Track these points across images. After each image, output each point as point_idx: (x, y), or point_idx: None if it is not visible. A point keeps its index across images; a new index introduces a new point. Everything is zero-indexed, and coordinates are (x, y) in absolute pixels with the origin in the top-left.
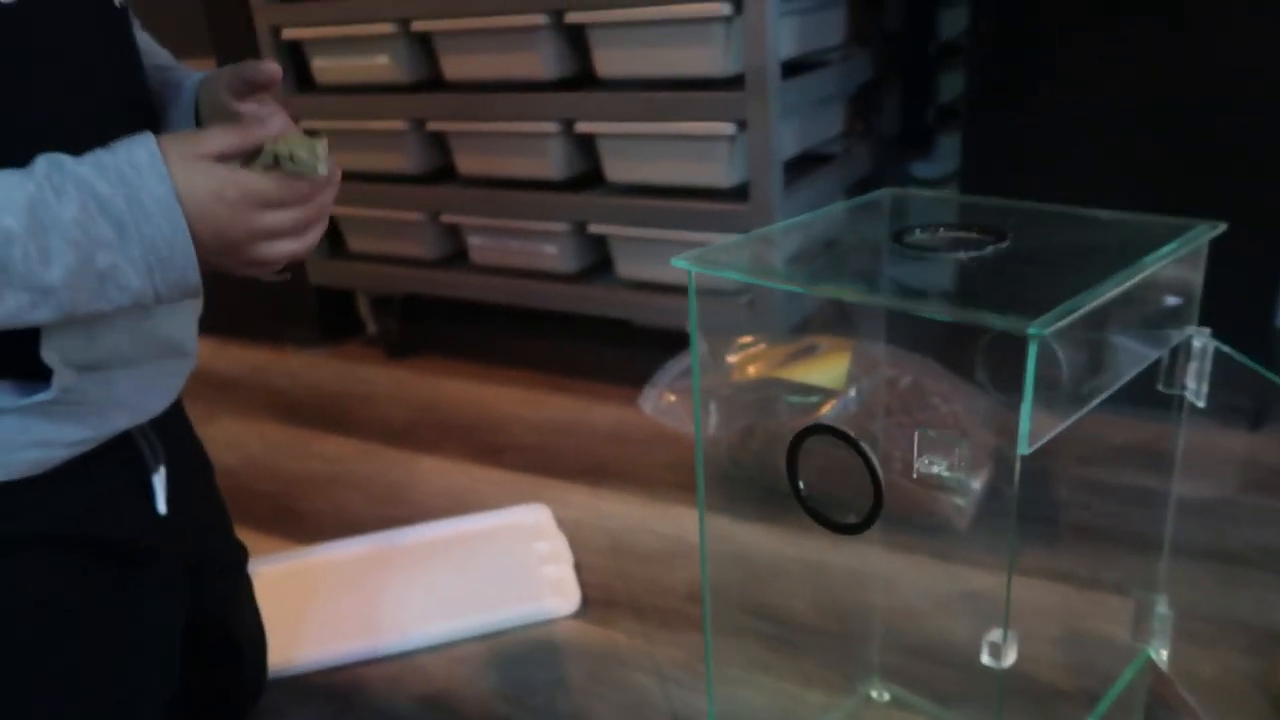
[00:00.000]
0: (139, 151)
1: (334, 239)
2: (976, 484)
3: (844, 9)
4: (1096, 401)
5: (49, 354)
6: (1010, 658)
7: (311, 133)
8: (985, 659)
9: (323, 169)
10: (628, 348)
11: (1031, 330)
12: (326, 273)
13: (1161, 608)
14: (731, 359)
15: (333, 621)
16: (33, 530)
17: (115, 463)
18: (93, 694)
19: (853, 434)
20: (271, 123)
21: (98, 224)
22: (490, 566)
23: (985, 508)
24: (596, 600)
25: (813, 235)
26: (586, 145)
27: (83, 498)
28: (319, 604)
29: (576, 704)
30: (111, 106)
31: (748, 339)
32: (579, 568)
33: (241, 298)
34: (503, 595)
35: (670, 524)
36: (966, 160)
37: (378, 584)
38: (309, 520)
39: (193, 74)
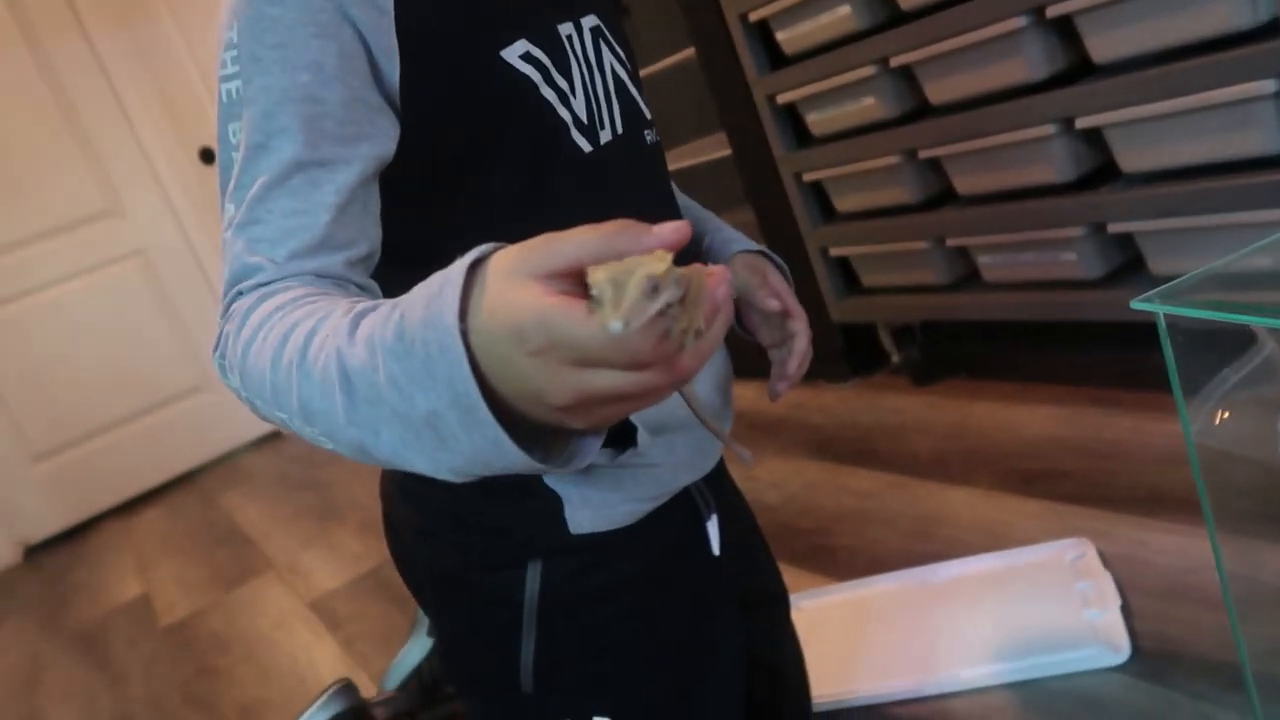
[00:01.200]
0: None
1: (849, 277)
2: None
3: None
4: None
5: (634, 417)
6: None
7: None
8: None
9: (615, 325)
10: (1178, 353)
11: None
12: (846, 310)
13: None
14: None
15: (869, 660)
16: (624, 575)
17: (678, 515)
18: (680, 718)
19: None
20: (651, 237)
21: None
22: (1026, 607)
23: None
24: (1150, 651)
25: None
26: (1092, 140)
27: (656, 546)
28: (855, 641)
29: None
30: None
31: None
32: (1128, 612)
33: None
34: (1040, 640)
35: (1245, 563)
36: None
37: (910, 622)
38: (842, 556)
39: (727, 235)
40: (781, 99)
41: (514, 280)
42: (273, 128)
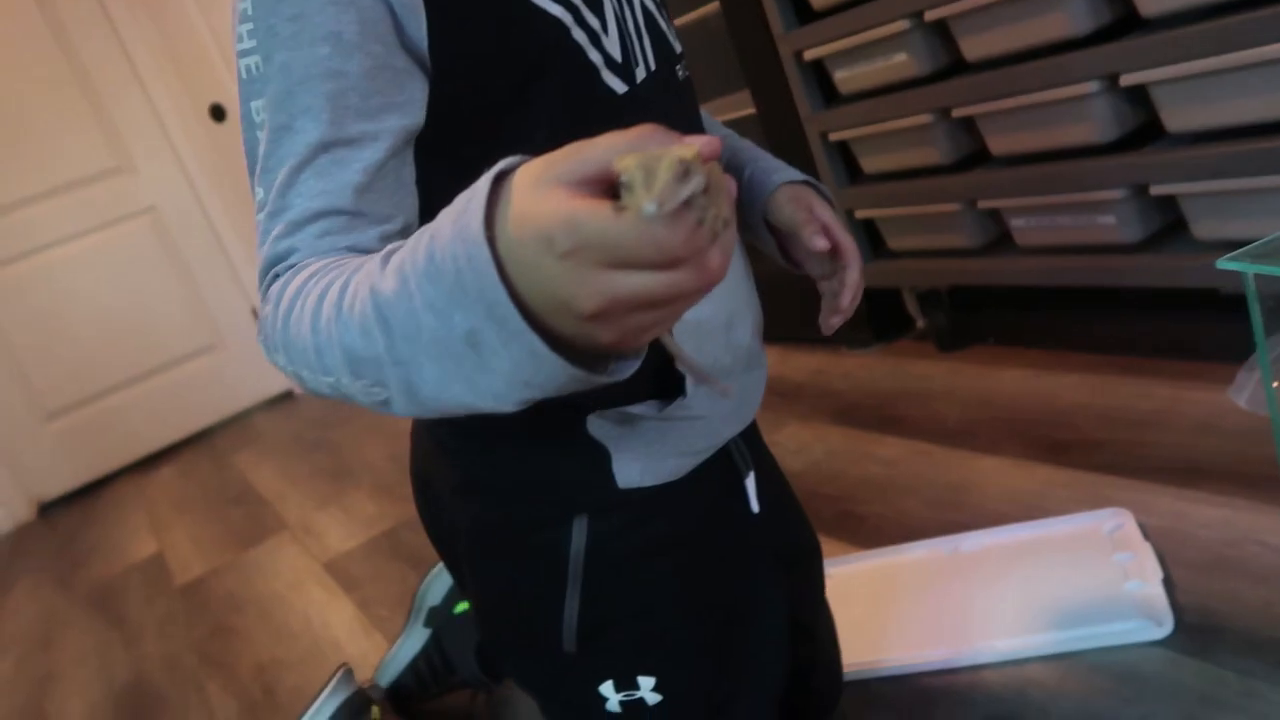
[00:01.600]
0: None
1: (875, 240)
2: None
3: None
4: None
5: (680, 366)
6: None
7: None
8: None
9: (649, 207)
10: (1218, 321)
11: None
12: (872, 275)
13: None
14: None
15: (900, 629)
16: (669, 532)
17: (717, 472)
18: (724, 679)
19: None
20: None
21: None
22: (1063, 578)
23: None
24: (1193, 626)
25: None
26: (1136, 98)
27: (699, 504)
28: (885, 610)
29: None
30: None
31: None
32: (1169, 585)
33: (801, 304)
34: (1078, 611)
35: None
36: None
37: (942, 592)
38: (869, 524)
39: (768, 165)
40: (809, 55)
41: (540, 188)
42: (295, 108)
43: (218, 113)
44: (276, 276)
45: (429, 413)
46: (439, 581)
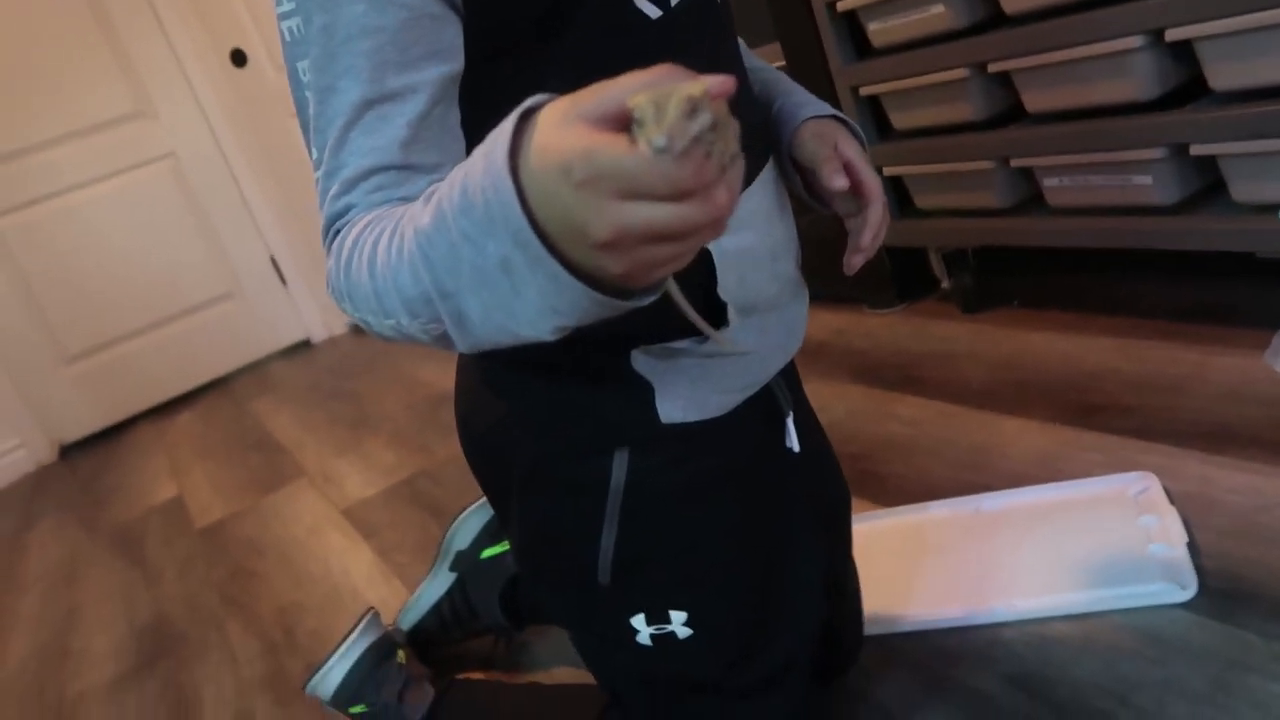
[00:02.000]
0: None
1: (902, 198)
2: None
3: None
4: None
5: (724, 291)
6: None
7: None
8: None
9: (659, 141)
10: (1253, 286)
11: None
12: (897, 232)
13: None
14: None
15: (920, 586)
16: (710, 470)
17: (760, 410)
18: (760, 617)
19: None
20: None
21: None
22: (1086, 540)
23: None
24: (1219, 590)
25: None
26: (1181, 54)
27: (742, 442)
28: (906, 567)
29: (1197, 713)
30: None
31: None
32: (1194, 549)
33: (824, 261)
34: (1101, 573)
35: None
36: None
37: (963, 550)
38: (891, 483)
39: (798, 100)
40: (841, 6)
41: (563, 123)
42: (337, 68)
43: (239, 58)
44: (337, 233)
45: (483, 344)
46: (467, 525)
